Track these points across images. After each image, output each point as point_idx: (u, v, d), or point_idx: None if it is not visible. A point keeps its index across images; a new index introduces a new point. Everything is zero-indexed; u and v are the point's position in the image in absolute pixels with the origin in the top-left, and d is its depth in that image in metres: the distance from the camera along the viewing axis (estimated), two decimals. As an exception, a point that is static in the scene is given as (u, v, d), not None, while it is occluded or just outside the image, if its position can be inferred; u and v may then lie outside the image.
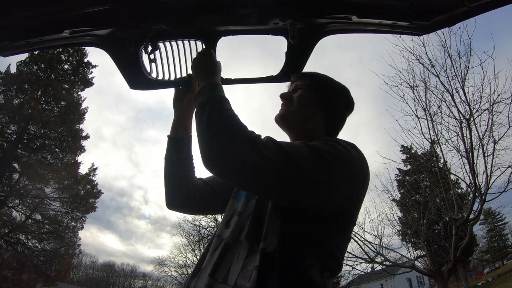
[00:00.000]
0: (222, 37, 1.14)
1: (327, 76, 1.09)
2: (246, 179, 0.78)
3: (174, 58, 1.18)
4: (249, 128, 0.81)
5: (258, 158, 0.73)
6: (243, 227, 0.88)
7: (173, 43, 1.16)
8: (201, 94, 0.90)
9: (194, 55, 1.17)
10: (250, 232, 0.84)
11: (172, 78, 1.22)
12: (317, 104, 1.01)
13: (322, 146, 0.80)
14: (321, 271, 0.79)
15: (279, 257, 0.75)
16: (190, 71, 1.19)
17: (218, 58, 1.11)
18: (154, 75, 1.22)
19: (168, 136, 1.22)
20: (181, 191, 1.17)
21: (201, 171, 1.16)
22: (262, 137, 0.79)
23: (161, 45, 1.15)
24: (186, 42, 1.16)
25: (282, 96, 1.05)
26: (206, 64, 1.03)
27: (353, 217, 0.88)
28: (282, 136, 1.01)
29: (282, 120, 1.02)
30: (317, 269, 0.78)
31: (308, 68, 1.23)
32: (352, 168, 0.82)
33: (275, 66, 1.22)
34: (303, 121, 1.00)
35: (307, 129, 1.00)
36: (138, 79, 1.22)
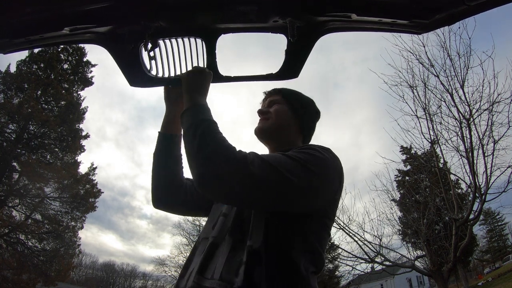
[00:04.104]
0: (222, 35, 1.14)
1: (295, 90, 1.21)
2: (238, 198, 0.83)
3: (174, 56, 1.18)
4: (241, 143, 0.87)
5: (248, 177, 0.78)
6: (229, 226, 0.93)
7: (173, 40, 1.15)
8: (191, 115, 0.93)
9: (194, 53, 1.17)
10: (233, 228, 0.90)
11: (172, 75, 1.22)
12: (292, 115, 1.12)
13: (301, 155, 0.86)
14: (305, 266, 0.84)
15: (265, 253, 0.80)
16: (190, 68, 1.19)
17: (218, 56, 1.10)
18: (154, 72, 1.22)
19: (159, 132, 1.21)
20: (169, 190, 1.16)
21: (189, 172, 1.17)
22: (248, 153, 0.83)
23: (161, 42, 1.15)
24: (186, 39, 1.16)
25: (260, 111, 1.14)
26: (202, 83, 1.05)
27: (333, 215, 0.96)
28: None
29: (263, 132, 1.11)
30: (302, 263, 0.83)
31: (309, 66, 1.24)
32: (329, 171, 0.90)
33: (275, 64, 1.22)
34: (282, 131, 1.11)
35: (285, 139, 1.11)
36: (138, 76, 1.22)
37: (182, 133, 1.17)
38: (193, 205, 1.19)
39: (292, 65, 1.21)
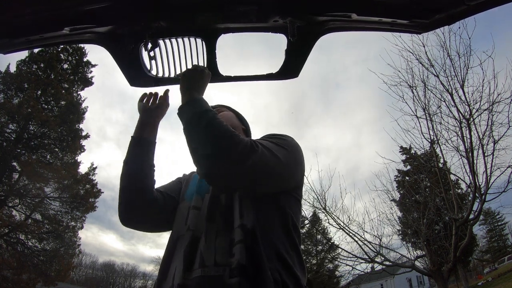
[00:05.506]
0: (222, 35, 1.14)
1: None
2: (249, 180, 0.88)
3: (174, 56, 1.18)
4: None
5: (256, 160, 0.85)
6: (205, 215, 0.95)
7: (173, 40, 1.15)
8: (192, 107, 0.93)
9: (194, 53, 1.17)
10: (212, 216, 0.93)
11: (172, 75, 1.22)
12: (236, 118, 1.30)
13: (275, 139, 0.98)
14: (293, 240, 0.93)
15: (259, 231, 0.86)
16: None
17: (218, 55, 1.10)
18: (154, 72, 1.22)
19: (133, 136, 1.12)
20: (144, 204, 1.04)
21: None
22: (249, 138, 0.89)
23: (161, 42, 1.15)
24: (186, 39, 1.16)
25: None
26: (200, 82, 1.04)
27: (302, 192, 1.08)
28: (285, 132, 1.05)
29: None
30: (290, 237, 0.93)
31: (309, 66, 1.24)
32: (299, 150, 1.03)
33: (276, 63, 1.22)
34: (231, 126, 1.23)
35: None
36: (138, 76, 1.22)
37: (156, 140, 1.17)
38: (164, 219, 1.08)
39: (293, 64, 1.21)
